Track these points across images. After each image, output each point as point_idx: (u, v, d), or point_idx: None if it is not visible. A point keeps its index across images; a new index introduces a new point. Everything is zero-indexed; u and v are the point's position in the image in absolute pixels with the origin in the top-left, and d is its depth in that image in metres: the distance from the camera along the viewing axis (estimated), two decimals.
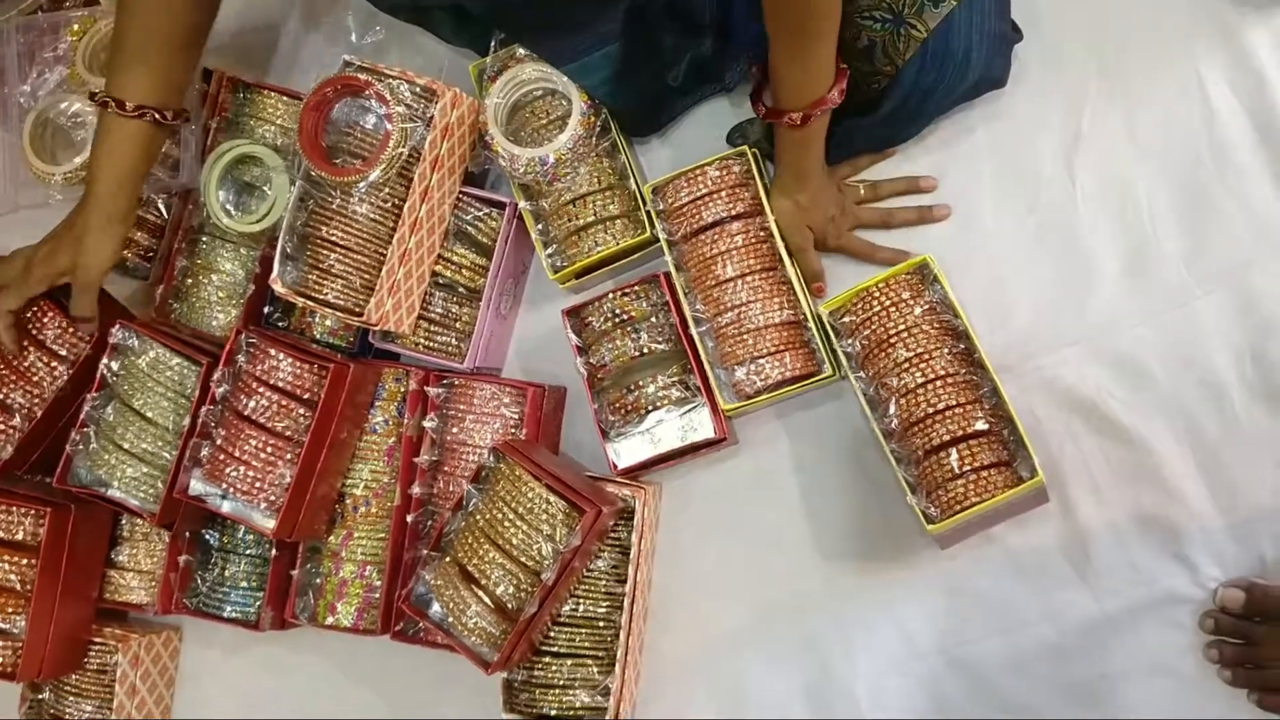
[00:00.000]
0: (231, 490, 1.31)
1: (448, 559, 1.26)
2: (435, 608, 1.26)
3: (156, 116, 1.29)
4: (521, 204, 1.37)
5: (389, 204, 1.30)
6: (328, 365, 1.30)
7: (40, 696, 1.47)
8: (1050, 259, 1.34)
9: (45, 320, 1.42)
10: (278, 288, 1.30)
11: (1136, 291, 1.31)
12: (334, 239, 1.29)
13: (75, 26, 1.49)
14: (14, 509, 1.37)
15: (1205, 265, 1.30)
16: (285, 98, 1.44)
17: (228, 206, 1.41)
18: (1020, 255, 1.35)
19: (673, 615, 1.39)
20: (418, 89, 1.30)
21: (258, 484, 1.30)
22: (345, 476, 1.39)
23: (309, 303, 1.30)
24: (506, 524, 1.21)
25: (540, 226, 1.38)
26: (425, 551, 1.27)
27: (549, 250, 1.38)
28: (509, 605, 1.22)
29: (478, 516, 1.24)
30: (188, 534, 1.42)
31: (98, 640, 1.45)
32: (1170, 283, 1.30)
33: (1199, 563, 1.26)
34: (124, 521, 1.48)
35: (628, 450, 1.33)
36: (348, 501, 1.39)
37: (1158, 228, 1.32)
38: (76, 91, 1.49)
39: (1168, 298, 1.30)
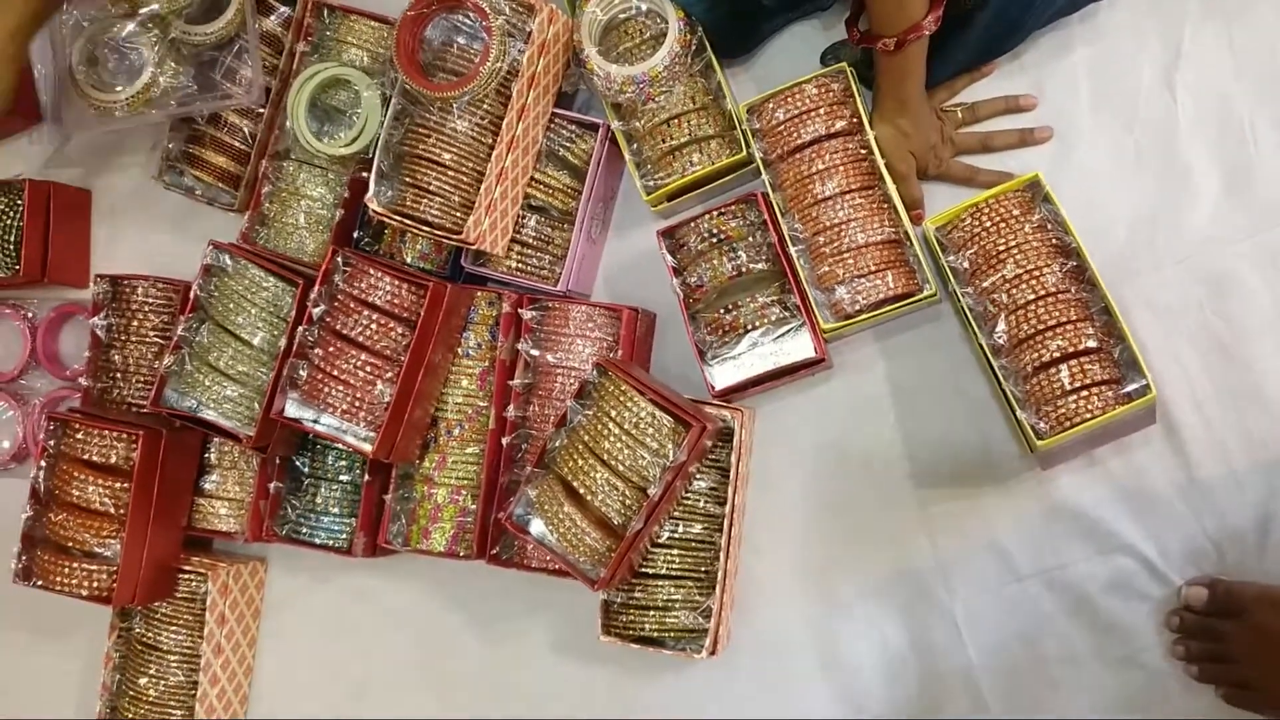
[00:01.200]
0: (331, 409, 1.30)
1: (551, 476, 1.25)
2: (537, 525, 1.25)
3: None
4: (614, 124, 1.35)
5: (486, 121, 1.29)
6: (425, 284, 1.29)
7: (128, 625, 1.47)
8: (1150, 177, 1.33)
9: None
10: (374, 206, 1.29)
11: (1238, 209, 1.30)
12: (432, 155, 1.28)
13: None
14: (107, 433, 1.36)
15: None
16: (373, 22, 1.42)
17: (314, 128, 1.40)
18: (1119, 174, 1.33)
19: (765, 540, 1.39)
20: (514, 4, 1.28)
21: (357, 403, 1.29)
22: (439, 401, 1.38)
23: (405, 222, 1.29)
24: (612, 439, 1.20)
25: (633, 147, 1.36)
26: (529, 468, 1.26)
27: (641, 172, 1.36)
28: (615, 521, 1.21)
29: (582, 433, 1.23)
30: (278, 460, 1.41)
31: (186, 568, 1.45)
32: (1272, 201, 1.29)
33: None
34: (212, 449, 1.47)
35: (724, 372, 1.32)
36: (440, 426, 1.38)
37: (1260, 146, 1.30)
38: (124, 14, 1.42)
39: (1270, 215, 1.29)
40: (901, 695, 1.35)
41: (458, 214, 1.29)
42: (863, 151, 1.30)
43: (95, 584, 1.36)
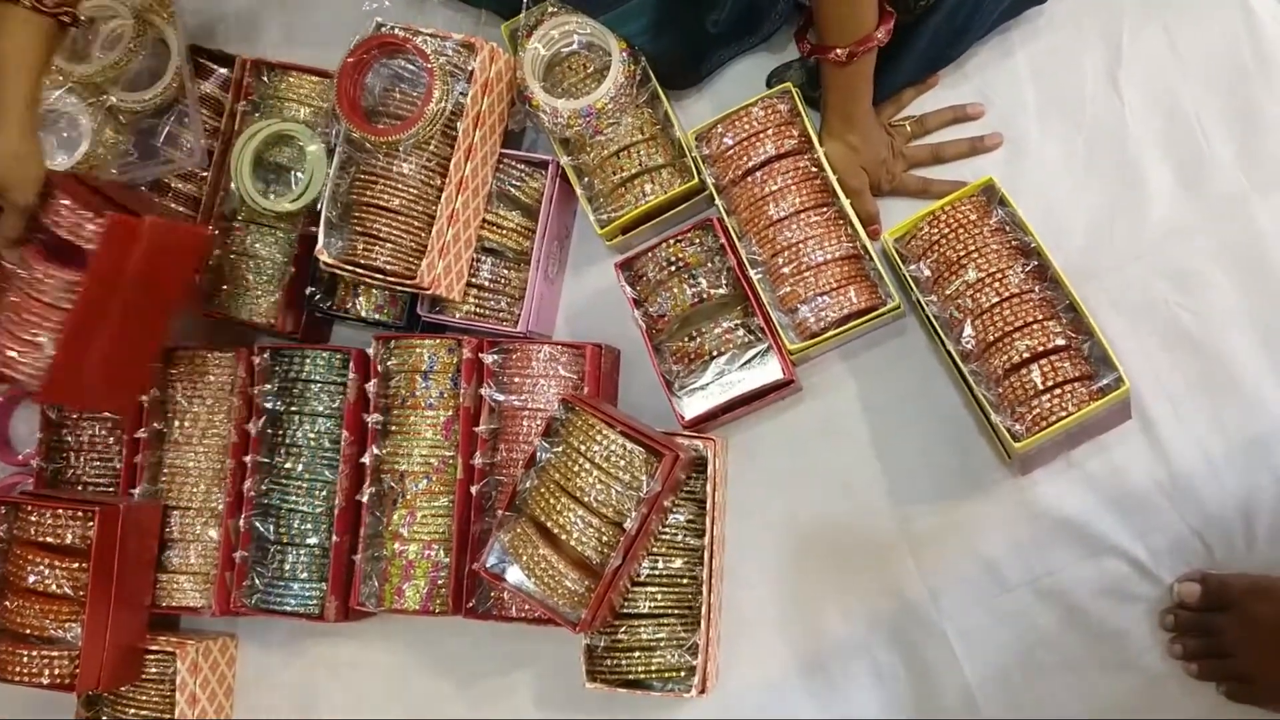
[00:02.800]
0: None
1: (523, 518, 1.21)
2: (513, 572, 1.22)
3: (67, 15, 1.16)
4: (563, 160, 1.34)
5: (434, 164, 1.28)
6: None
7: (95, 713, 1.41)
8: (1102, 178, 1.33)
9: None
10: (325, 258, 1.27)
11: (1193, 202, 1.30)
12: (381, 201, 1.26)
13: None
14: (61, 512, 1.32)
15: (1260, 171, 1.29)
16: (313, 76, 1.41)
17: (260, 188, 1.38)
18: (1072, 176, 1.33)
19: (747, 571, 1.36)
20: (455, 44, 1.27)
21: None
22: (399, 455, 1.34)
23: (357, 271, 1.26)
24: (583, 475, 1.17)
25: (584, 181, 1.35)
26: (500, 512, 1.22)
27: (594, 206, 1.35)
28: (592, 560, 1.17)
29: (552, 471, 1.20)
30: (242, 528, 1.37)
31: (153, 648, 1.39)
32: (1226, 191, 1.29)
33: None
34: (173, 522, 1.42)
35: (693, 402, 1.29)
36: (407, 480, 1.34)
37: (1209, 137, 1.31)
38: (58, 86, 1.37)
39: (1225, 206, 1.29)
40: (898, 718, 1.31)
41: (411, 260, 1.27)
42: (814, 170, 1.29)
43: (57, 671, 1.30)
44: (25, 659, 1.30)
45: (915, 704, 1.31)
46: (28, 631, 1.31)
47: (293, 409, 1.38)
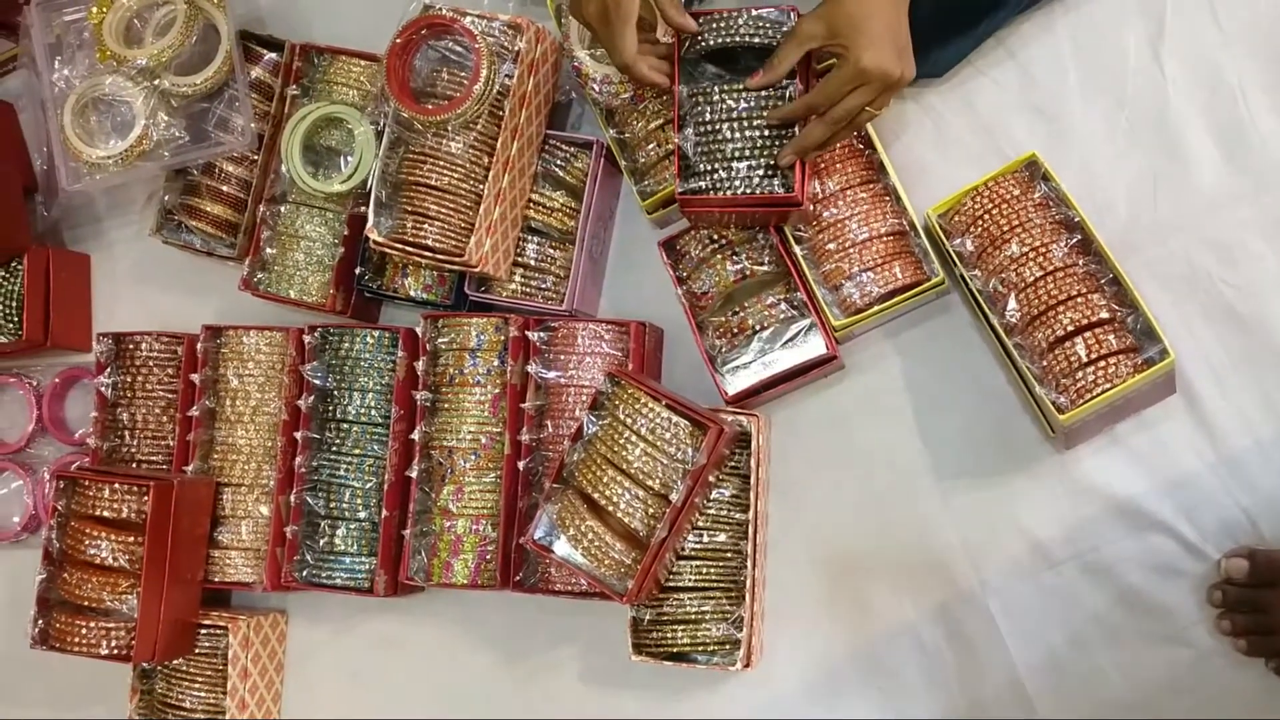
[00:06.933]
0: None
1: (571, 490, 1.23)
2: (560, 544, 1.23)
3: None
4: (608, 133, 1.35)
5: (481, 144, 1.29)
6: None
7: (149, 686, 1.45)
8: (1145, 151, 1.32)
9: None
10: (375, 236, 1.29)
11: (1236, 174, 1.29)
12: (429, 180, 1.28)
13: (94, 9, 1.45)
14: (118, 487, 1.35)
15: None
16: (361, 60, 1.43)
17: (310, 170, 1.40)
18: (1114, 150, 1.33)
19: (791, 548, 1.36)
20: (501, 25, 1.29)
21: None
22: (447, 431, 1.36)
23: (406, 249, 1.28)
24: (630, 447, 1.18)
25: (628, 155, 1.35)
26: (548, 485, 1.24)
27: (638, 180, 1.35)
28: (639, 531, 1.19)
29: (598, 444, 1.21)
30: (293, 503, 1.39)
31: (205, 623, 1.42)
32: (1270, 161, 1.28)
33: None
34: (225, 499, 1.45)
35: (737, 378, 1.30)
36: (455, 456, 1.36)
37: (1251, 108, 1.30)
38: (112, 71, 1.44)
39: (1269, 177, 1.28)
40: (943, 695, 1.31)
41: (459, 238, 1.29)
42: (859, 146, 1.30)
43: (114, 642, 1.34)
44: (84, 630, 1.33)
45: (960, 680, 1.31)
46: (85, 603, 1.35)
47: (343, 385, 1.40)
